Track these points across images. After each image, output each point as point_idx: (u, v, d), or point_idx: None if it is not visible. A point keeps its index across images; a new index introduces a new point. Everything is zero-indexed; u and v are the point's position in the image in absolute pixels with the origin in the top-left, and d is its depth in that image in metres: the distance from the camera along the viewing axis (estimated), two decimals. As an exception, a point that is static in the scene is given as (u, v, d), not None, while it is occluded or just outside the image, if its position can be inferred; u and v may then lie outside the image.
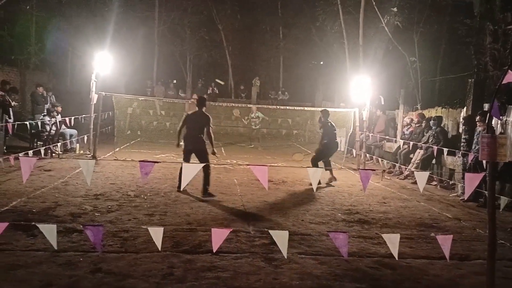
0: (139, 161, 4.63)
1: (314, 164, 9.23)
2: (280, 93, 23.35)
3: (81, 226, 5.21)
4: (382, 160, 11.85)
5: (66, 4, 17.93)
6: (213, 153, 7.73)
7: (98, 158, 10.82)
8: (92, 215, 5.98)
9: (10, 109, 10.09)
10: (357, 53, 16.17)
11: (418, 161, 10.15)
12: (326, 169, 8.93)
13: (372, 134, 13.04)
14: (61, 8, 18.91)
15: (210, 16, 24.64)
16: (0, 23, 16.73)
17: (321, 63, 25.04)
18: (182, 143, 7.83)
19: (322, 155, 9.52)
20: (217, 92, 22.95)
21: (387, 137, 12.78)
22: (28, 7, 17.95)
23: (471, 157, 8.01)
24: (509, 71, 4.67)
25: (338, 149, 10.41)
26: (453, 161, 9.39)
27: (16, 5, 16.79)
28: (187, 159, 7.67)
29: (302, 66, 26.22)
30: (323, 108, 10.26)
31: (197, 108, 7.82)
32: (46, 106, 11.97)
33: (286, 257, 4.23)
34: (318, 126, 10.55)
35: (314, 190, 6.68)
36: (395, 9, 14.50)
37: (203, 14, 24.15)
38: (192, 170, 4.70)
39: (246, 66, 27.43)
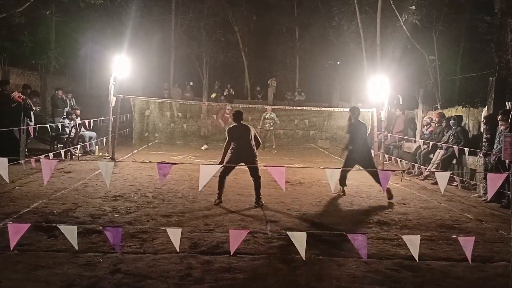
0: (157, 162, 4.65)
1: (342, 175, 8.07)
2: (296, 93, 23.30)
3: (101, 227, 5.27)
4: (401, 161, 11.70)
5: (85, 9, 18.20)
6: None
7: (117, 160, 10.93)
8: (111, 216, 6.04)
9: (31, 112, 10.26)
10: (374, 52, 16.03)
11: (438, 161, 9.99)
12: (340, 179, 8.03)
13: (390, 134, 12.88)
14: (80, 13, 19.21)
15: (226, 18, 24.74)
16: (21, 28, 17.06)
17: (338, 63, 24.89)
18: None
19: (347, 163, 8.25)
20: (233, 93, 23.02)
21: (406, 137, 12.61)
22: (48, 12, 18.28)
23: (493, 157, 7.85)
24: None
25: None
26: (474, 161, 9.22)
27: (36, 11, 17.10)
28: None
29: (319, 66, 26.13)
30: (353, 106, 9.10)
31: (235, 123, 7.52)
32: (66, 109, 12.15)
33: (304, 258, 4.21)
34: (345, 129, 8.94)
35: (332, 191, 6.64)
36: (413, 8, 14.31)
37: (219, 16, 24.25)
38: (209, 171, 4.70)
39: (262, 67, 27.46)
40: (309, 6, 24.35)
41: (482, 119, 9.65)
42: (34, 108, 10.47)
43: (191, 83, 23.43)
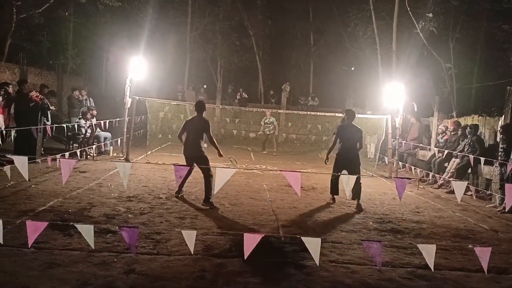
0: (173, 164, 4.68)
1: (333, 183, 7.93)
2: (310, 98, 23.27)
3: (116, 227, 5.32)
4: (415, 169, 11.60)
5: (103, 11, 18.46)
6: (220, 155, 7.50)
7: (131, 161, 11.02)
8: (126, 217, 6.09)
9: (49, 112, 10.41)
10: (389, 58, 15.96)
11: (453, 170, 9.90)
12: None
13: (405, 141, 12.79)
14: (98, 15, 19.46)
15: (241, 22, 24.86)
16: (40, 29, 17.34)
17: (352, 68, 24.84)
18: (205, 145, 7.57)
19: (336, 169, 7.84)
20: (246, 97, 23.08)
21: (420, 145, 12.51)
22: (66, 13, 18.56)
23: (510, 167, 7.75)
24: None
25: (367, 158, 8.65)
26: (490, 171, 9.11)
27: (55, 12, 17.38)
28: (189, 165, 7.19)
29: (333, 71, 26.09)
30: (349, 109, 8.78)
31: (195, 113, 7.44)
32: (82, 109, 12.30)
33: (318, 264, 4.19)
34: (334, 131, 8.51)
35: (348, 197, 6.60)
36: (430, 15, 14.22)
37: (235, 20, 24.39)
38: (225, 175, 4.72)
39: (276, 71, 27.51)
40: (324, 11, 24.37)
41: (499, 129, 9.54)
42: (51, 108, 10.61)
43: (205, 86, 23.57)
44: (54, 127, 10.12)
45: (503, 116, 9.70)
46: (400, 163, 12.38)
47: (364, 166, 13.46)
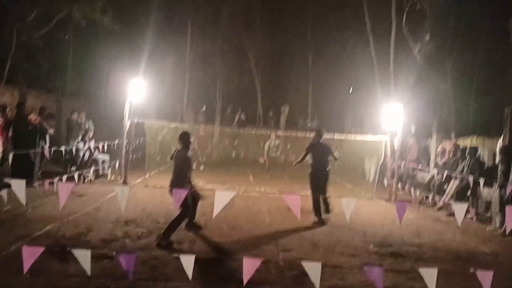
0: (172, 187, 4.65)
1: (314, 203, 8.16)
2: (309, 120, 23.33)
3: (113, 253, 5.25)
4: (414, 191, 11.54)
5: (102, 34, 18.63)
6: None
7: (129, 184, 10.96)
8: (123, 242, 6.02)
9: (47, 135, 10.38)
10: (387, 79, 16.05)
11: (453, 192, 9.84)
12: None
13: (404, 163, 12.75)
14: (98, 37, 19.63)
15: (240, 43, 25.11)
16: (40, 51, 17.45)
17: (351, 89, 24.99)
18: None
19: (314, 189, 8.23)
20: (244, 119, 23.17)
21: (419, 166, 12.48)
22: (66, 36, 18.71)
23: (509, 188, 7.71)
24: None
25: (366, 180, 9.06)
26: (489, 193, 9.06)
27: (54, 34, 17.53)
28: None
29: (331, 93, 26.24)
30: (320, 127, 9.06)
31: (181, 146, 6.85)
32: (81, 132, 12.29)
33: (318, 290, 4.11)
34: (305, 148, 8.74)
35: (348, 220, 6.53)
36: (427, 37, 14.39)
37: (234, 41, 24.63)
38: (225, 198, 4.69)
39: (275, 92, 27.67)
40: (323, 33, 24.66)
41: (498, 150, 9.54)
42: (49, 131, 10.60)
43: (204, 107, 23.66)
44: (52, 150, 10.08)
45: (501, 137, 9.70)
46: (399, 185, 12.31)
47: (363, 188, 13.47)
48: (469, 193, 9.81)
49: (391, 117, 11.57)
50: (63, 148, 10.72)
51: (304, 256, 5.90)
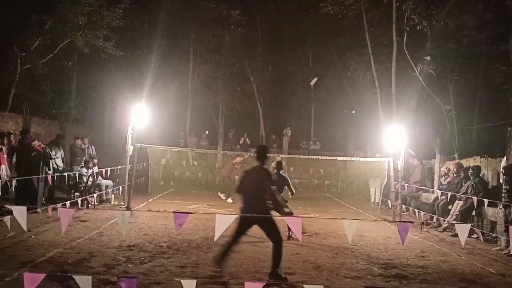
0: (173, 212, 4.66)
1: None
2: (311, 143, 23.36)
3: (115, 278, 5.22)
4: (419, 212, 11.46)
5: (105, 61, 18.90)
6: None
7: (132, 209, 10.96)
8: (126, 266, 5.99)
9: (50, 161, 10.46)
10: (389, 101, 16.12)
11: (457, 213, 9.77)
12: None
13: (408, 184, 12.72)
14: (101, 64, 19.91)
15: (242, 68, 25.36)
16: (43, 79, 17.70)
17: (353, 112, 25.07)
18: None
19: None
20: (248, 142, 23.22)
21: (423, 187, 12.43)
22: (70, 63, 19.01)
23: (513, 208, 7.67)
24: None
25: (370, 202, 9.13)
26: (494, 213, 9.00)
27: (58, 62, 17.81)
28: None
29: (334, 115, 26.33)
30: (278, 161, 9.46)
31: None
32: (84, 158, 12.37)
33: (321, 313, 4.07)
34: None
35: (350, 242, 6.51)
36: (428, 58, 14.52)
37: (236, 66, 24.90)
38: (225, 221, 4.69)
39: (278, 116, 27.78)
40: (324, 57, 24.90)
41: (501, 170, 9.51)
42: (53, 157, 10.68)
43: (207, 132, 23.79)
44: (56, 176, 10.14)
45: (505, 157, 9.67)
46: (403, 206, 12.25)
47: (367, 210, 13.39)
48: (474, 213, 9.75)
49: (394, 139, 11.59)
50: (66, 174, 10.78)
51: (307, 279, 5.85)
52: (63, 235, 7.38)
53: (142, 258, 6.49)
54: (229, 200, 13.93)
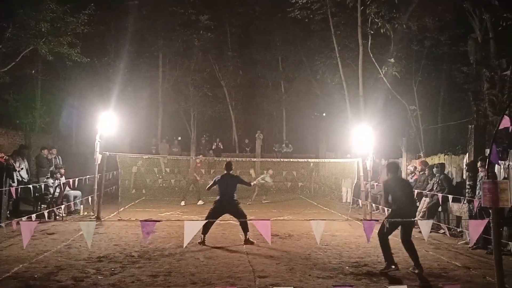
0: (140, 220, 4.61)
1: (206, 227, 8.30)
2: (284, 145, 23.50)
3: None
4: (388, 210, 11.67)
5: (71, 68, 18.49)
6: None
7: (102, 219, 10.76)
8: (95, 279, 5.87)
9: (14, 173, 10.16)
10: (358, 103, 16.43)
11: (425, 209, 10.02)
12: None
13: (377, 183, 12.96)
14: (66, 71, 19.47)
15: (212, 73, 25.34)
16: (6, 88, 17.17)
17: (324, 114, 25.37)
18: None
19: (213, 215, 8.52)
20: (221, 147, 23.17)
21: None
22: (33, 71, 18.51)
23: (476, 203, 7.92)
24: (505, 116, 4.73)
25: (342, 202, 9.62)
26: (459, 208, 9.27)
27: (21, 70, 17.30)
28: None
29: (305, 118, 26.58)
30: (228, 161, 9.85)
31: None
32: (51, 168, 12.07)
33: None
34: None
35: (318, 242, 6.58)
36: (392, 60, 14.86)
37: (206, 71, 24.85)
38: (194, 227, 4.67)
39: (250, 120, 27.84)
40: (293, 60, 25.14)
41: (464, 166, 9.82)
42: (17, 169, 10.38)
43: (179, 138, 23.61)
44: (20, 188, 9.85)
45: (467, 154, 10.01)
46: (373, 205, 12.47)
47: (339, 210, 13.57)
48: (440, 209, 10.02)
49: (362, 140, 11.82)
50: (31, 186, 10.51)
51: (280, 282, 5.89)
52: (28, 249, 7.19)
53: (113, 269, 6.38)
54: (200, 202, 14.70)
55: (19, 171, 10.64)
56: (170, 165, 20.17)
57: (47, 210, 10.31)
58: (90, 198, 11.88)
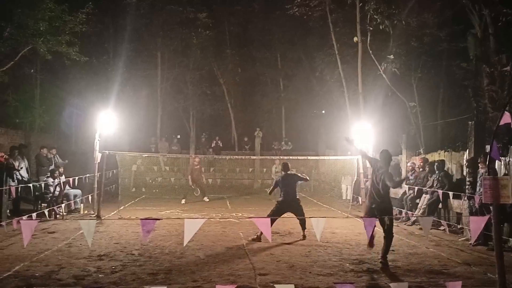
0: (140, 219, 4.61)
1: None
2: (283, 143, 23.47)
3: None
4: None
5: (70, 67, 18.46)
6: None
7: (103, 218, 10.76)
8: (96, 277, 5.87)
9: (14, 172, 10.16)
10: (357, 100, 16.40)
11: (425, 206, 10.03)
12: None
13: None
14: (65, 71, 19.44)
15: (211, 71, 25.30)
16: (5, 88, 17.14)
17: (323, 112, 25.33)
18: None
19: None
20: (221, 145, 23.15)
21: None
22: (32, 71, 18.48)
23: (477, 199, 7.92)
24: (506, 112, 4.72)
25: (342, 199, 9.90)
26: (459, 205, 9.28)
27: (20, 70, 17.28)
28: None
29: (304, 115, 26.53)
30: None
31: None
32: (50, 167, 12.06)
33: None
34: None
35: (318, 239, 6.58)
36: (391, 57, 14.84)
37: (205, 69, 24.81)
38: (194, 225, 4.67)
39: (249, 118, 27.79)
40: (292, 58, 25.11)
41: (465, 163, 9.81)
42: (17, 168, 10.38)
43: (178, 136, 23.58)
44: (20, 188, 9.85)
45: (467, 151, 10.00)
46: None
47: (339, 207, 13.58)
48: (440, 205, 10.02)
49: (362, 137, 11.81)
50: (31, 185, 10.50)
51: (281, 279, 5.89)
52: (29, 248, 7.18)
53: (113, 267, 6.38)
54: (206, 199, 15.01)
55: (19, 170, 10.63)
56: (169, 164, 20.16)
57: (48, 209, 10.31)
58: (90, 197, 11.89)
